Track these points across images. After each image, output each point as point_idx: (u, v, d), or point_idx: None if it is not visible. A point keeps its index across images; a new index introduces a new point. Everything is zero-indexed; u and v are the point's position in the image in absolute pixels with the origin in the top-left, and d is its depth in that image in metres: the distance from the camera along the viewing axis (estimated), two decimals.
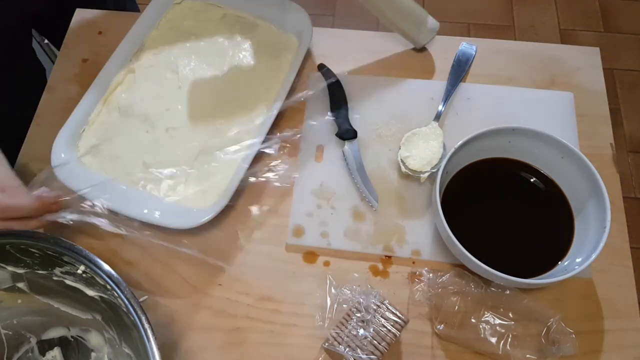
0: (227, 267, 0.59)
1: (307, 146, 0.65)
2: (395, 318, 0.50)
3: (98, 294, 0.50)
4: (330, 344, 0.49)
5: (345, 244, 0.59)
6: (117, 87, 0.66)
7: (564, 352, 0.50)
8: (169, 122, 0.64)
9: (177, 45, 0.69)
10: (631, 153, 1.50)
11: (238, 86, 0.66)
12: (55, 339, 0.56)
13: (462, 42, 0.71)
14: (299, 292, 0.57)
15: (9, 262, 0.52)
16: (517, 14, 1.75)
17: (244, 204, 0.62)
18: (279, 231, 0.60)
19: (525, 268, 0.53)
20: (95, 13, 0.76)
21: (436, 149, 0.61)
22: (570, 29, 1.71)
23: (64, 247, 0.49)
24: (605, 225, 0.51)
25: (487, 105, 0.67)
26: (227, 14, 0.72)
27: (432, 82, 0.68)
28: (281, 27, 0.69)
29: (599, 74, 0.69)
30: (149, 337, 0.45)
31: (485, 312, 0.52)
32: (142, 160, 0.62)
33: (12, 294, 0.54)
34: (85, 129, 0.64)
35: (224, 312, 0.56)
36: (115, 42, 0.68)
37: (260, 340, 0.55)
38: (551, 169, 0.59)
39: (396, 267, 0.58)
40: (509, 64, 0.70)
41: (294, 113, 0.67)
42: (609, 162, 0.63)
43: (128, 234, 0.55)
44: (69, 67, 0.72)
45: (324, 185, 0.62)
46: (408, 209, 0.61)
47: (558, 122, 0.65)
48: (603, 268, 0.57)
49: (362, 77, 0.69)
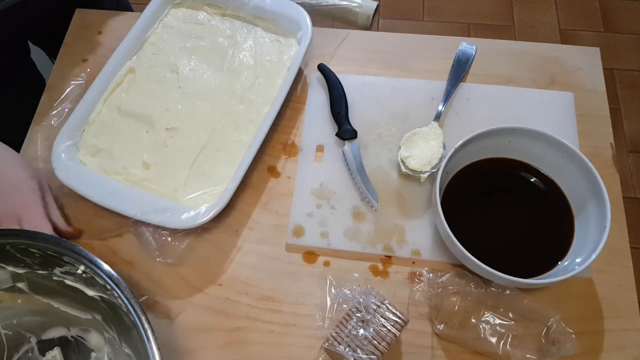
0: (227, 267, 0.59)
1: (307, 146, 0.65)
2: (395, 318, 0.50)
3: (98, 294, 0.50)
4: (330, 344, 0.49)
5: (345, 244, 0.59)
6: (117, 87, 0.66)
7: (564, 352, 0.50)
8: (169, 122, 0.64)
9: (177, 45, 0.69)
10: (631, 153, 1.50)
11: (238, 86, 0.66)
12: (55, 339, 0.56)
13: (462, 42, 0.71)
14: (299, 292, 0.57)
15: (9, 262, 0.52)
16: (517, 14, 1.75)
17: (244, 204, 0.62)
18: (279, 231, 0.60)
19: (525, 268, 0.53)
20: (95, 13, 0.76)
21: (436, 149, 0.61)
22: (570, 29, 1.71)
23: (64, 247, 0.49)
24: (605, 225, 0.51)
25: (487, 105, 0.67)
26: (227, 14, 0.72)
27: (432, 82, 0.68)
28: (281, 27, 0.69)
29: (599, 74, 0.69)
30: (149, 337, 0.45)
31: (485, 312, 0.52)
32: (142, 160, 0.62)
33: (12, 294, 0.54)
34: (85, 129, 0.64)
35: (224, 312, 0.56)
36: (115, 42, 0.68)
37: (260, 340, 0.55)
38: (551, 169, 0.59)
39: (396, 267, 0.58)
40: (509, 64, 0.70)
41: (294, 113, 0.67)
42: (609, 162, 0.63)
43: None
44: (69, 67, 0.72)
45: (324, 185, 0.62)
46: (408, 209, 0.61)
47: (558, 122, 0.65)
48: (603, 268, 0.57)
49: (362, 77, 0.69)
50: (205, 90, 0.66)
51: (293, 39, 0.69)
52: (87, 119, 0.64)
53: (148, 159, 0.62)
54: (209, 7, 0.72)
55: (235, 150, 0.62)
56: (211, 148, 0.63)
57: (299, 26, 0.67)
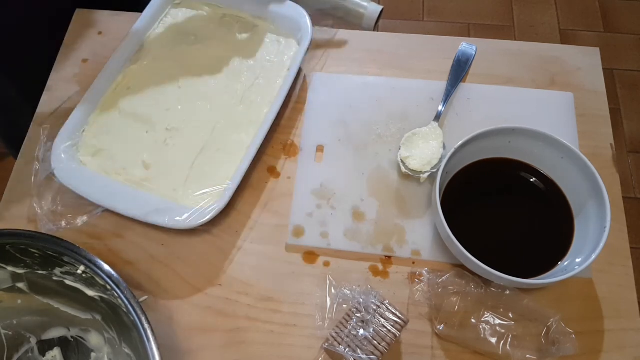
0: (227, 267, 0.59)
1: (307, 146, 0.65)
2: (395, 318, 0.50)
3: (98, 294, 0.50)
4: (330, 344, 0.49)
5: (345, 244, 0.59)
6: (117, 87, 0.66)
7: (564, 352, 0.50)
8: (169, 122, 0.64)
9: (177, 45, 0.69)
10: (631, 153, 1.50)
11: (238, 86, 0.66)
12: (55, 339, 0.56)
13: (462, 42, 0.71)
14: (299, 292, 0.57)
15: (9, 262, 0.52)
16: (517, 14, 1.75)
17: (244, 204, 0.62)
18: (279, 231, 0.60)
19: (525, 268, 0.53)
20: (95, 13, 0.76)
21: (436, 149, 0.61)
22: (570, 29, 1.71)
23: (64, 247, 0.49)
24: (605, 225, 0.51)
25: (487, 105, 0.67)
26: (227, 14, 0.72)
27: (432, 82, 0.68)
28: (281, 27, 0.69)
29: (599, 74, 0.69)
30: (149, 337, 0.45)
31: (485, 313, 0.52)
32: (142, 160, 0.62)
33: (12, 294, 0.54)
34: (86, 129, 0.64)
35: (224, 312, 0.56)
36: (115, 42, 0.68)
37: (260, 340, 0.55)
38: (551, 169, 0.59)
39: (396, 267, 0.58)
40: (509, 64, 0.70)
41: (294, 113, 0.67)
42: (609, 162, 0.63)
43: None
44: (69, 67, 0.72)
45: (324, 185, 0.62)
46: (408, 209, 0.61)
47: (558, 122, 0.65)
48: (603, 268, 0.57)
49: (362, 78, 0.69)
50: (205, 91, 0.66)
51: (293, 39, 0.69)
52: (87, 119, 0.64)
53: (148, 159, 0.62)
54: (208, 7, 0.72)
55: (235, 151, 0.62)
56: (211, 148, 0.63)
57: (299, 26, 0.67)
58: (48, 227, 0.59)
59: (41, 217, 0.59)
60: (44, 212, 0.60)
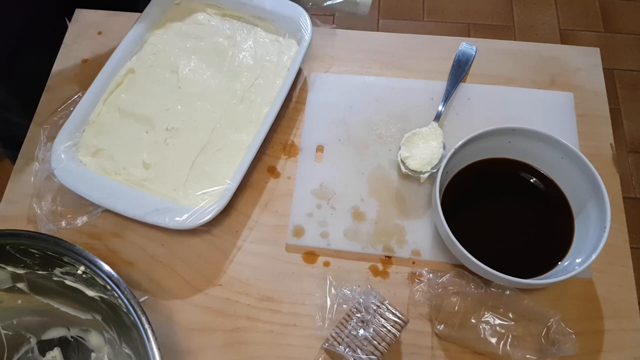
0: (227, 267, 0.59)
1: (307, 146, 0.65)
2: (395, 318, 0.50)
3: (98, 294, 0.50)
4: (330, 344, 0.49)
5: (345, 244, 0.59)
6: (117, 87, 0.66)
7: (564, 352, 0.50)
8: (169, 122, 0.64)
9: (177, 45, 0.69)
10: (631, 153, 1.50)
11: (238, 86, 0.66)
12: (55, 339, 0.56)
13: (462, 42, 0.71)
14: (298, 292, 0.57)
15: (9, 263, 0.52)
16: (517, 14, 1.75)
17: (244, 204, 0.62)
18: (279, 231, 0.60)
19: (525, 268, 0.53)
20: (95, 13, 0.76)
21: (436, 149, 0.61)
22: (570, 29, 1.71)
23: (64, 247, 0.49)
24: (605, 225, 0.51)
25: (487, 105, 0.67)
26: (227, 14, 0.72)
27: (432, 82, 0.68)
28: (281, 27, 0.69)
29: (599, 74, 0.69)
30: (149, 337, 0.45)
31: (485, 313, 0.52)
32: (142, 160, 0.62)
33: (12, 294, 0.54)
34: (86, 129, 0.64)
35: (224, 312, 0.56)
36: (115, 42, 0.68)
37: (260, 340, 0.55)
38: (551, 169, 0.59)
39: (396, 267, 0.58)
40: (509, 64, 0.70)
41: (294, 113, 0.67)
42: (609, 162, 0.63)
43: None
44: (69, 67, 0.72)
45: (324, 185, 0.62)
46: (408, 209, 0.61)
47: (558, 122, 0.65)
48: (603, 268, 0.57)
49: (362, 78, 0.69)
50: (205, 91, 0.66)
51: (293, 39, 0.69)
52: (87, 119, 0.64)
53: (148, 159, 0.62)
54: (208, 7, 0.72)
55: (235, 151, 0.62)
56: (211, 148, 0.63)
57: (299, 26, 0.67)
58: (48, 227, 0.59)
59: (41, 217, 0.59)
60: (44, 212, 0.60)
